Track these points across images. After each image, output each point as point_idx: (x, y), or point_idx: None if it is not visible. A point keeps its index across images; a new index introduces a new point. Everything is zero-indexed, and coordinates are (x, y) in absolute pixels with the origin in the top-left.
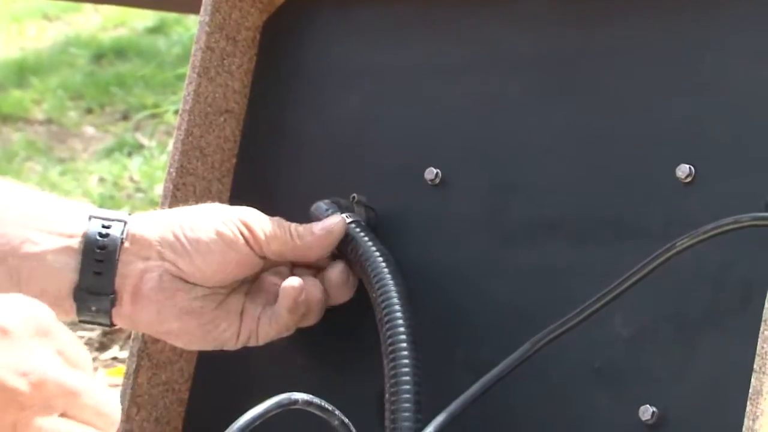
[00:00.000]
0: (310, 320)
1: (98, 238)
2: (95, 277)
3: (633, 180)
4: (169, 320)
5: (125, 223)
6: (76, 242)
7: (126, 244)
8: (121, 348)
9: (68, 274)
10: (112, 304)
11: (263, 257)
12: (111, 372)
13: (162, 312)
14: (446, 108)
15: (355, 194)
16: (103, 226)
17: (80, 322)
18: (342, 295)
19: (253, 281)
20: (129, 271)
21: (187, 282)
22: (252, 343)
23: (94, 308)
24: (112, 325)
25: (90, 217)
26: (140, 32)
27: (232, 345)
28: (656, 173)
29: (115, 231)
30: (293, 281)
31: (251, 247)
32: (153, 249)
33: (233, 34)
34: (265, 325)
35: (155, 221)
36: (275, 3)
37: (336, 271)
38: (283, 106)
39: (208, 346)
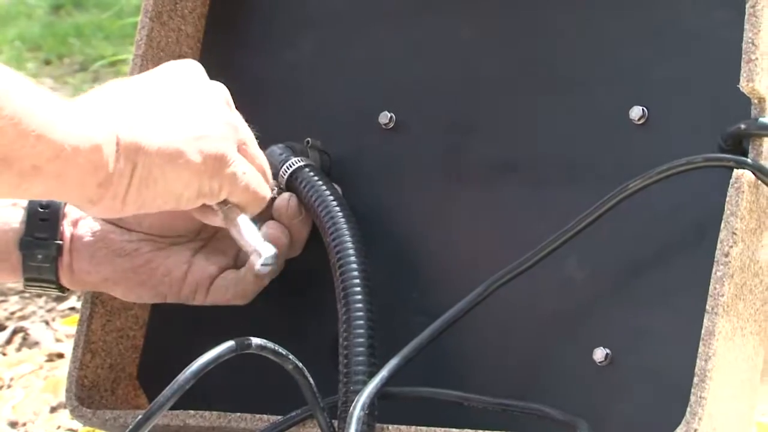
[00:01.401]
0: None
1: (40, 207)
2: (41, 223)
3: (587, 122)
4: (103, 264)
5: None
6: (23, 202)
7: None
8: (79, 298)
9: (15, 225)
10: (58, 251)
11: None
12: (67, 321)
13: (95, 256)
14: (401, 52)
15: (309, 138)
16: (43, 206)
17: (26, 282)
18: (299, 230)
19: (211, 238)
20: (69, 221)
21: (120, 227)
22: (197, 302)
23: (40, 256)
24: (57, 283)
25: None
26: None
27: (173, 297)
28: (610, 115)
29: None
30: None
31: None
32: None
33: None
34: (221, 288)
35: None
36: None
37: (284, 201)
38: (237, 52)
39: (147, 295)
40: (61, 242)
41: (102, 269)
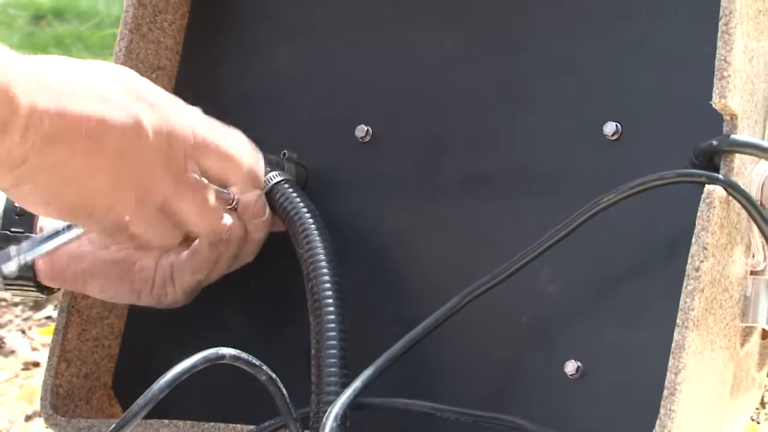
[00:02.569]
0: (237, 261)
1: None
2: (17, 218)
3: (562, 136)
4: (83, 256)
5: None
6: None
7: None
8: (56, 308)
9: None
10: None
11: None
12: (44, 331)
13: (75, 249)
14: (378, 65)
15: (285, 151)
16: None
17: (5, 281)
18: (258, 228)
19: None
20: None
21: None
22: (170, 296)
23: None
24: (35, 280)
25: None
26: None
27: (146, 294)
28: (584, 130)
29: None
30: None
31: None
32: None
33: None
34: (181, 270)
35: None
36: None
37: (254, 197)
38: (215, 64)
39: (124, 290)
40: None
41: (81, 261)
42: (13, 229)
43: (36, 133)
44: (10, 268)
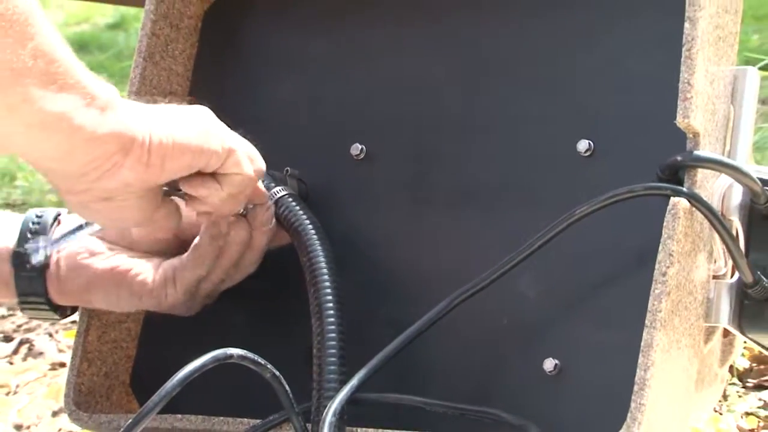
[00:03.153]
0: (239, 270)
1: (34, 216)
2: (31, 236)
3: (539, 153)
4: (85, 268)
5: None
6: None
7: (60, 218)
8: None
9: (7, 242)
10: (46, 263)
11: None
12: (69, 334)
13: (78, 261)
14: (370, 90)
15: (288, 168)
16: (37, 215)
17: (20, 298)
18: (263, 235)
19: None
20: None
21: (102, 239)
22: (170, 297)
23: (28, 266)
24: (47, 296)
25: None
26: (101, 27)
27: (147, 296)
28: (559, 148)
29: (50, 213)
30: None
31: None
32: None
33: (176, 22)
34: (183, 270)
35: None
36: None
37: (263, 207)
38: (222, 89)
39: (124, 296)
40: (47, 253)
41: (84, 272)
42: (26, 246)
43: (155, 155)
44: (39, 257)
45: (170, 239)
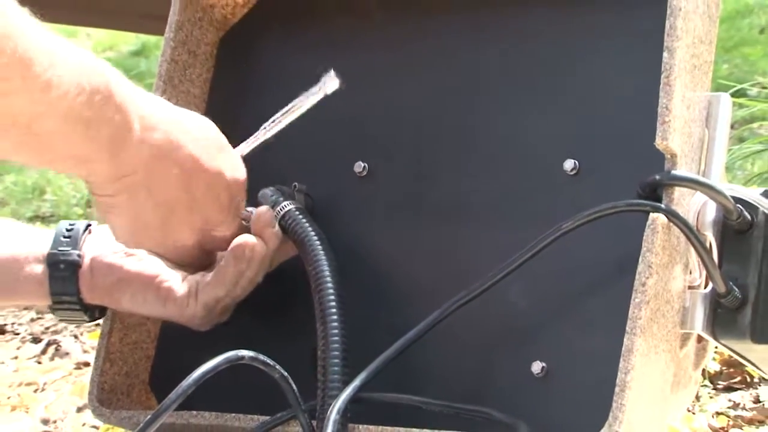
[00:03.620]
0: (254, 276)
1: (68, 224)
2: (64, 240)
3: (528, 171)
4: (117, 265)
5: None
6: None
7: (90, 228)
8: None
9: (41, 248)
10: (79, 263)
11: None
12: (93, 335)
13: (111, 258)
14: (373, 111)
15: (296, 183)
16: (70, 224)
17: (53, 298)
18: (270, 238)
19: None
20: (92, 237)
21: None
22: (190, 308)
23: (62, 266)
24: (79, 296)
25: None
26: (125, 54)
27: (171, 303)
28: (547, 167)
29: (81, 224)
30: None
31: None
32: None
33: (194, 49)
34: (204, 284)
35: None
36: (229, 23)
37: (261, 209)
38: (236, 109)
39: (151, 298)
40: (80, 253)
41: (116, 271)
42: (60, 249)
43: (147, 151)
44: (72, 257)
45: (197, 252)
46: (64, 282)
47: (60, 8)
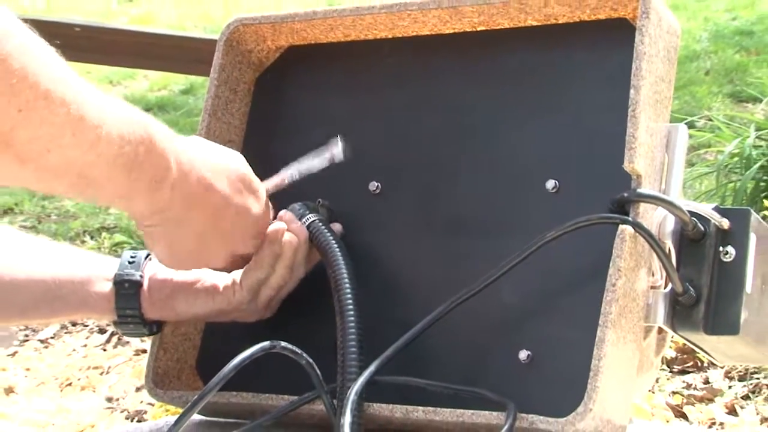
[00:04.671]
0: (290, 263)
1: (132, 252)
2: (129, 264)
3: (517, 191)
4: (170, 279)
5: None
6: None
7: (150, 256)
8: None
9: (110, 271)
10: (141, 283)
11: None
12: None
13: (166, 274)
14: (385, 139)
15: (320, 199)
16: (133, 253)
17: (118, 312)
18: (298, 232)
19: None
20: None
21: None
22: (237, 292)
23: (127, 285)
24: (140, 313)
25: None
26: (176, 92)
27: (219, 297)
28: (532, 186)
29: (142, 253)
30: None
31: None
32: None
33: (234, 87)
34: (245, 270)
35: None
36: (264, 65)
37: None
38: (269, 138)
39: (201, 297)
40: (142, 274)
41: (168, 284)
42: (126, 271)
43: (181, 191)
44: (135, 277)
45: (230, 267)
46: (128, 299)
47: (123, 54)
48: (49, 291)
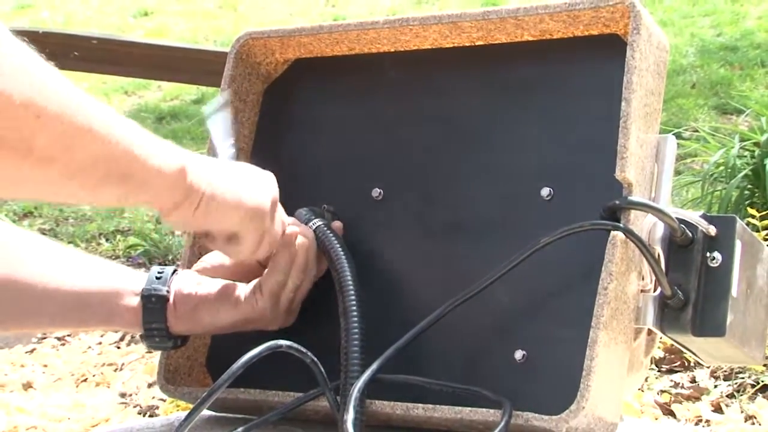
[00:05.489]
0: (304, 264)
1: (159, 268)
2: (157, 279)
3: (513, 197)
4: (195, 287)
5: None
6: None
7: (177, 271)
8: None
9: (137, 285)
10: (167, 297)
11: None
12: None
13: (192, 283)
14: (387, 148)
15: (325, 204)
16: (160, 269)
17: (144, 324)
18: (304, 233)
19: None
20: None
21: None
22: (259, 299)
23: (154, 299)
24: (165, 326)
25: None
26: (188, 102)
27: (243, 303)
28: (527, 193)
29: (169, 268)
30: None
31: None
32: None
33: (244, 97)
34: (264, 277)
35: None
36: (272, 77)
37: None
38: (277, 146)
39: (225, 306)
40: (168, 289)
41: (192, 298)
42: (153, 286)
43: (201, 212)
44: (162, 292)
45: (249, 270)
46: (154, 312)
47: (137, 65)
48: (79, 301)
